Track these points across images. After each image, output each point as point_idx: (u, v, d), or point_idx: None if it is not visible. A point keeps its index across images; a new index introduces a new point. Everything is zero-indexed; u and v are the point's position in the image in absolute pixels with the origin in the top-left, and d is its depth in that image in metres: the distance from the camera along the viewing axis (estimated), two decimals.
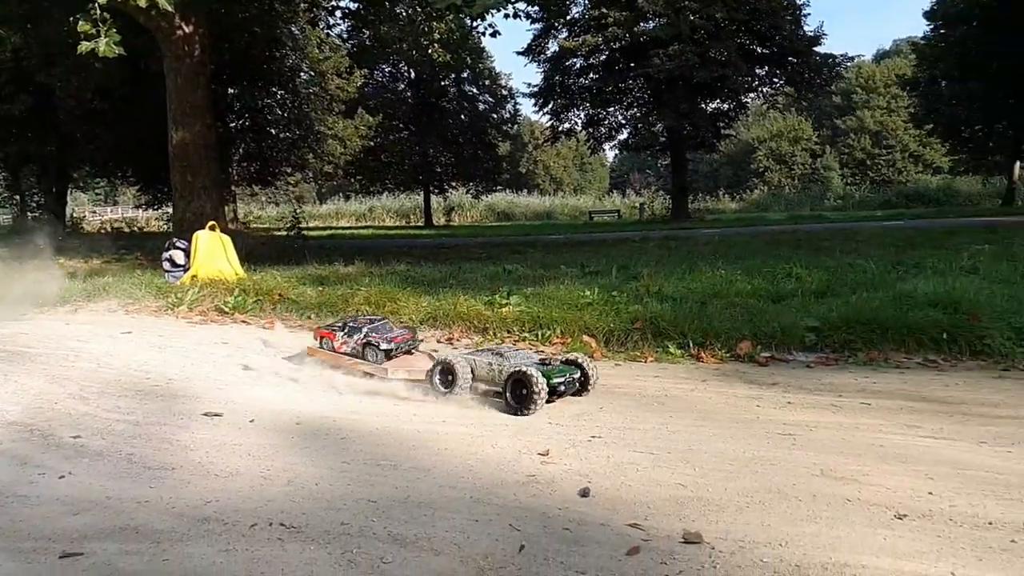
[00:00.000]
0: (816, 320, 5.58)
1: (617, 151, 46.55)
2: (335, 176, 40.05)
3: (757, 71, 28.66)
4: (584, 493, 2.97)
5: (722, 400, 4.39)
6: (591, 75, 30.48)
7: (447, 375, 4.27)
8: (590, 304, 6.49)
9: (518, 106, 40.20)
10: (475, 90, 36.97)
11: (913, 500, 2.87)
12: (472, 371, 4.24)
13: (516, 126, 41.26)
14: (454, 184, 38.58)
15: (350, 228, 36.48)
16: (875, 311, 5.53)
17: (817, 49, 28.02)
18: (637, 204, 40.15)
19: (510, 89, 37.87)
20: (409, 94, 36.04)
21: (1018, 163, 31.61)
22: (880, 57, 59.99)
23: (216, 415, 4.09)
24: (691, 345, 5.54)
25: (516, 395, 3.99)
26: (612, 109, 31.43)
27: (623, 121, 31.41)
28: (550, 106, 31.69)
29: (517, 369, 4.00)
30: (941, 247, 10.92)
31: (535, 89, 31.82)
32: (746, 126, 56.64)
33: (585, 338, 5.79)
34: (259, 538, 2.60)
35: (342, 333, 4.89)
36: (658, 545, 2.53)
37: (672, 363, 5.39)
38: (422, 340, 4.99)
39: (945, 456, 3.33)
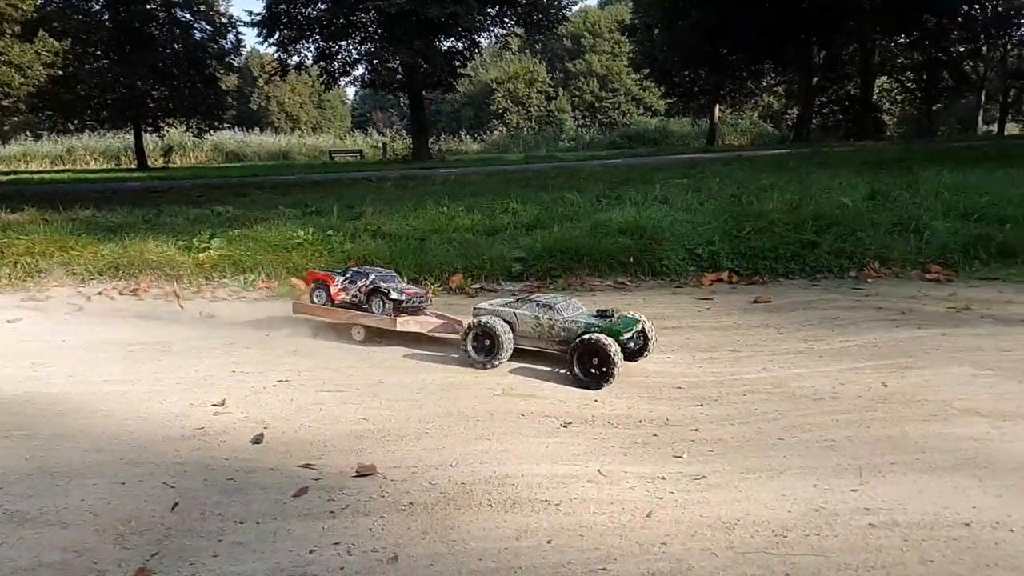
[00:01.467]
0: (523, 251, 5.90)
1: (356, 88, 45.28)
2: (16, 111, 33.97)
3: (489, 11, 29.32)
4: (257, 440, 2.83)
5: None
6: (320, 5, 28.99)
7: (483, 340, 3.65)
8: (301, 244, 6.23)
9: (241, 36, 37.09)
10: (188, 16, 33.27)
11: (580, 409, 3.15)
12: (512, 328, 3.66)
13: (241, 58, 38.12)
14: (171, 121, 34.77)
15: (41, 172, 31.38)
16: (574, 240, 5.99)
17: None
18: (380, 144, 39.61)
19: (230, 17, 34.55)
20: (106, 17, 31.39)
21: (718, 106, 36.34)
22: (605, 3, 64.74)
23: None
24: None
25: (586, 367, 3.39)
26: (345, 43, 30.29)
27: (357, 56, 30.46)
28: (276, 37, 29.65)
29: (590, 337, 3.35)
30: (648, 181, 12.17)
31: (258, 18, 29.51)
32: (484, 67, 58.21)
33: (293, 280, 5.55)
34: None
35: (342, 278, 4.28)
36: (328, 483, 2.49)
37: None
38: (430, 302, 4.40)
39: None
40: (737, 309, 4.85)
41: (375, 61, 29.31)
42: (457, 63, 30.31)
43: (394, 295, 4.09)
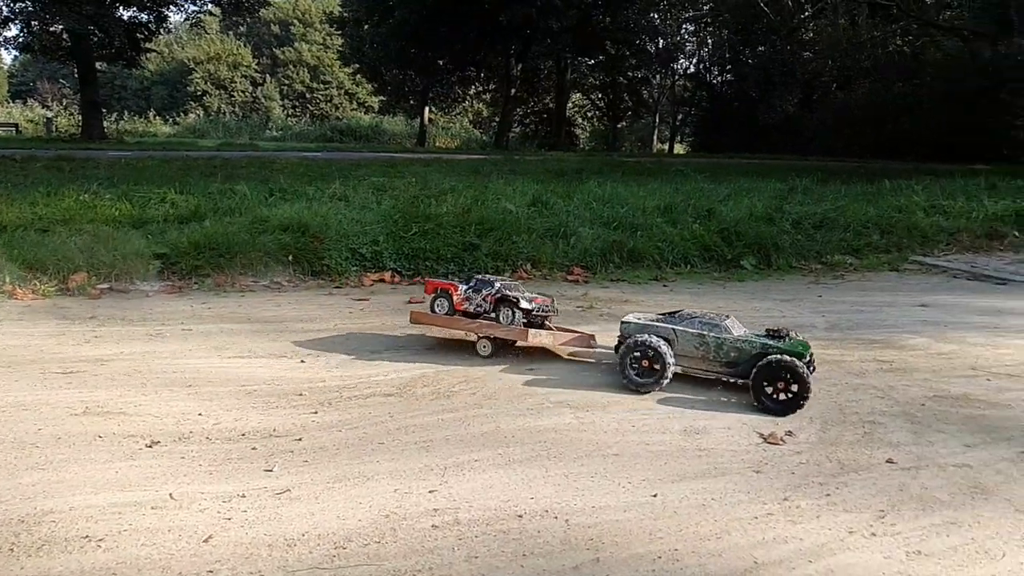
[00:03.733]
0: (166, 247, 5.37)
1: (15, 52, 38.59)
2: None
3: None
4: None
5: (19, 342, 3.81)
6: None
7: (642, 360, 3.33)
8: None
9: None
10: None
11: (178, 425, 2.87)
12: (671, 346, 3.35)
13: None
14: None
15: None
16: (229, 236, 5.59)
17: None
18: (43, 119, 34.15)
19: None
20: None
21: (427, 108, 37.25)
22: None
23: None
24: (6, 280, 4.73)
25: (775, 392, 3.14)
26: None
27: (9, 14, 25.86)
28: None
29: (780, 359, 3.13)
30: (346, 177, 11.96)
31: None
32: (180, 44, 53.31)
33: None
34: None
35: (466, 287, 3.95)
36: None
37: None
38: (556, 312, 4.01)
39: (239, 374, 3.47)
40: (390, 310, 4.88)
41: (33, 22, 25.16)
42: (141, 36, 27.23)
43: (524, 304, 3.81)
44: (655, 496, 2.42)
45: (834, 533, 2.24)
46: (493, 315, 3.89)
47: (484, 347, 3.87)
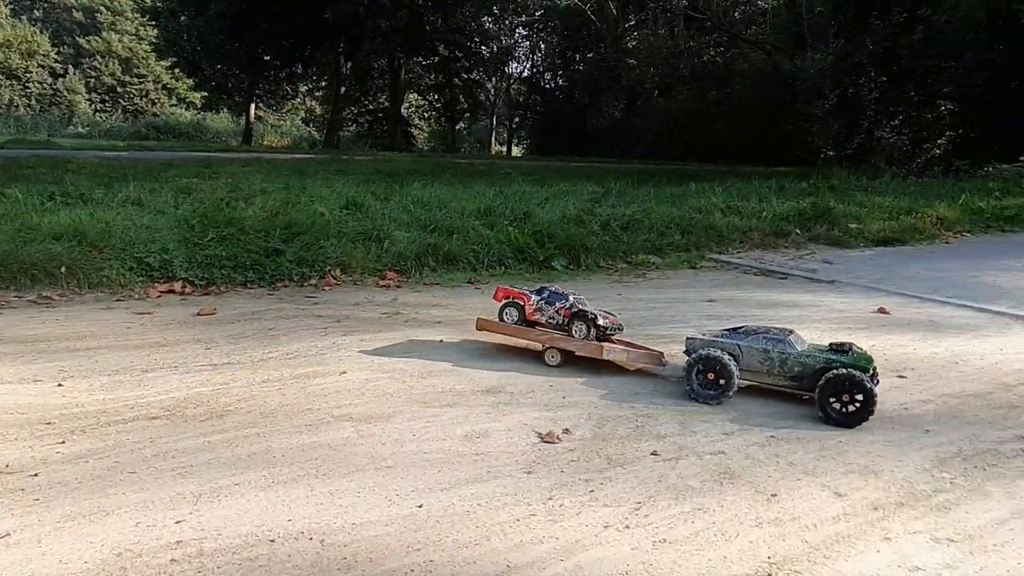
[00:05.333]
0: None
1: None
2: None
3: None
4: None
5: None
6: None
7: (708, 374, 3.49)
8: None
9: None
10: None
11: None
12: (736, 361, 3.49)
13: None
14: None
15: None
16: None
17: None
18: None
19: None
20: None
21: (253, 106, 35.56)
22: None
23: None
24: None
25: (841, 405, 3.26)
26: None
27: None
28: None
29: (846, 373, 3.25)
30: (154, 179, 11.10)
31: None
32: None
33: None
34: None
35: (538, 298, 4.02)
36: None
37: None
38: (623, 329, 4.12)
39: None
40: (175, 323, 4.56)
41: None
42: None
43: (601, 320, 3.89)
44: (420, 507, 2.40)
45: (590, 529, 2.33)
46: (565, 328, 3.96)
47: (552, 357, 3.93)
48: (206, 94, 37.17)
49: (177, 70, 37.57)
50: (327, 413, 3.18)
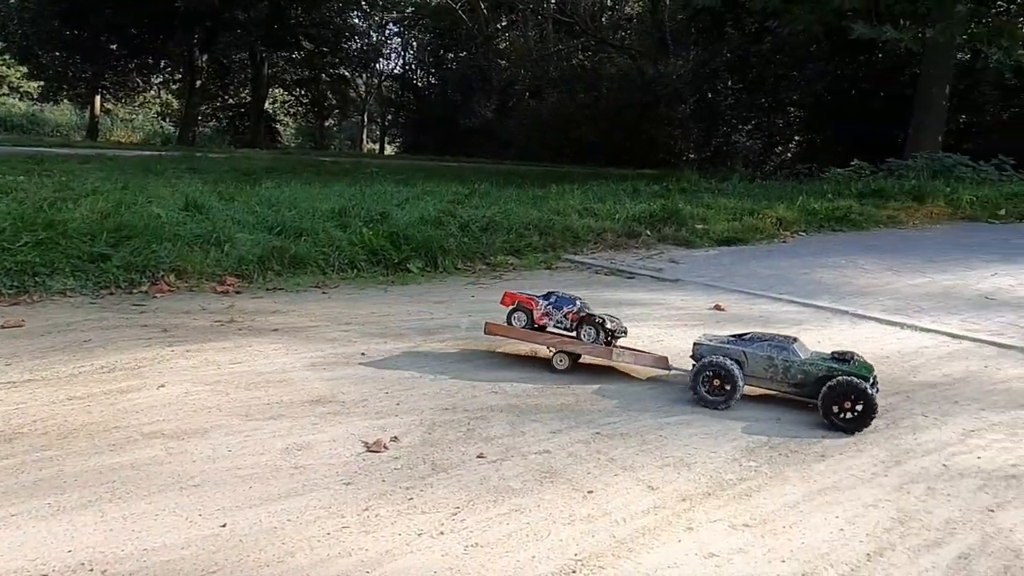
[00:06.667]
0: None
1: None
2: None
3: None
4: None
5: None
6: None
7: (714, 380, 3.56)
8: None
9: None
10: None
11: None
12: (741, 367, 3.55)
13: None
14: None
15: None
16: None
17: None
18: None
19: None
20: None
21: (98, 98, 33.22)
22: None
23: None
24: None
25: (842, 412, 3.33)
26: None
27: None
28: None
29: (847, 380, 3.33)
30: None
31: None
32: None
33: None
34: None
35: (546, 303, 4.10)
36: None
37: None
38: (627, 332, 4.13)
39: None
40: None
41: None
42: None
43: (610, 324, 3.96)
44: (224, 526, 2.30)
45: (403, 538, 2.31)
46: (573, 332, 4.02)
47: (561, 360, 4.01)
48: (43, 84, 34.35)
49: (7, 56, 34.49)
50: (136, 431, 3.00)
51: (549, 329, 4.12)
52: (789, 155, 29.96)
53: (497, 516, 2.47)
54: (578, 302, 4.12)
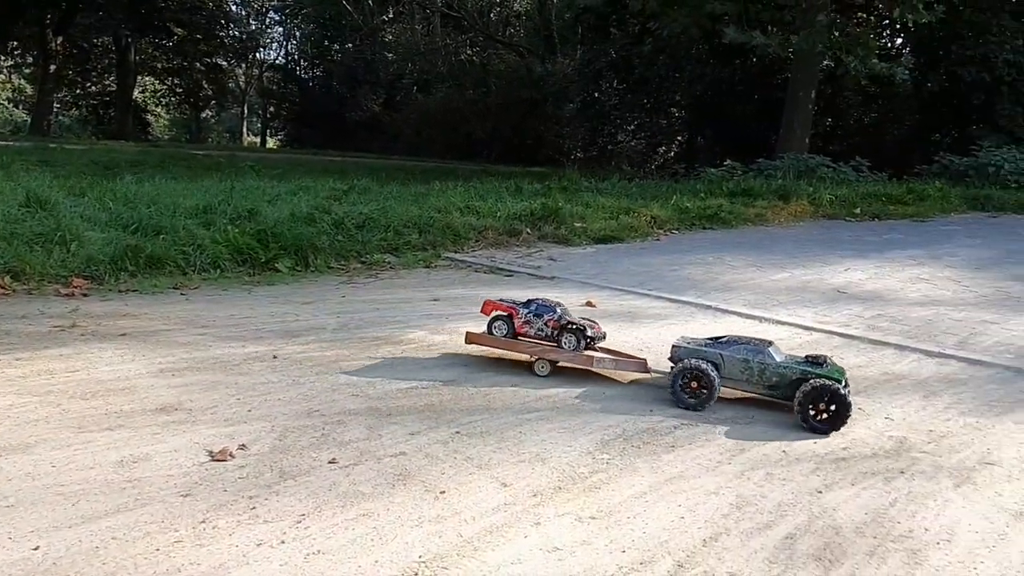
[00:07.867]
0: None
1: None
2: None
3: None
4: None
5: None
6: None
7: (692, 383, 3.66)
8: None
9: None
10: None
11: None
12: (718, 370, 3.64)
13: None
14: None
15: None
16: None
17: None
18: None
19: None
20: None
21: None
22: None
23: None
24: None
25: (817, 413, 3.43)
26: None
27: None
28: None
29: (821, 383, 3.42)
30: None
31: None
32: None
33: None
34: None
35: (526, 311, 4.12)
36: None
37: None
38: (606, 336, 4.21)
39: None
40: None
41: None
42: None
43: (590, 332, 4.02)
44: (36, 549, 2.16)
45: (240, 550, 2.24)
46: (553, 340, 4.06)
47: (543, 367, 4.04)
48: None
49: None
50: None
51: (530, 336, 4.13)
52: (672, 155, 31.19)
53: (344, 522, 2.44)
54: (558, 309, 4.13)
